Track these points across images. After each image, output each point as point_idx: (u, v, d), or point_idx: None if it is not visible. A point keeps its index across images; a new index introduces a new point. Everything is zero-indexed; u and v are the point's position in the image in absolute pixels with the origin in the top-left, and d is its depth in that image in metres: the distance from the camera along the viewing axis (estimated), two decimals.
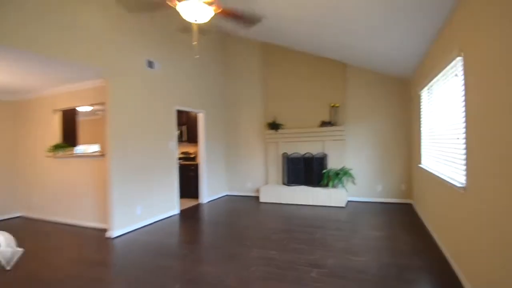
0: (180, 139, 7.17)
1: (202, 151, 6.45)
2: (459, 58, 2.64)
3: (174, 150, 5.57)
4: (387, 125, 5.86)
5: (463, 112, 2.57)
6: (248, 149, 7.13)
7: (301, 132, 6.30)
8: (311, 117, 6.32)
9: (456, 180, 2.83)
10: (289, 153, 6.49)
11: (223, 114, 7.28)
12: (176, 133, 5.63)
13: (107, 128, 4.31)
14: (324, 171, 6.03)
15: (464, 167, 2.54)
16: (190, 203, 6.42)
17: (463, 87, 2.56)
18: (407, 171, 5.74)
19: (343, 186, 5.86)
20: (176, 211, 5.59)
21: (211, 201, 6.68)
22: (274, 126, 6.50)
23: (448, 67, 2.98)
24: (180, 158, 7.40)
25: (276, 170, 6.67)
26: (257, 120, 7.01)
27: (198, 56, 6.04)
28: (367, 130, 6.00)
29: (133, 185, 4.65)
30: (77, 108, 5.53)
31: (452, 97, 3.01)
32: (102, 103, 4.51)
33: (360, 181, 6.08)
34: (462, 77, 2.58)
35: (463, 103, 2.55)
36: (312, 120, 6.31)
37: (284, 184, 6.55)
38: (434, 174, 3.65)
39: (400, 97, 5.75)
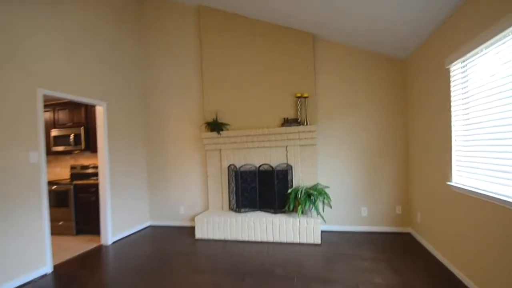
0: (76, 147, 4.59)
1: (104, 164, 3.94)
2: None
3: (41, 166, 3.05)
4: (375, 123, 4.01)
5: None
6: (180, 160, 4.76)
7: (254, 135, 4.15)
8: (268, 113, 4.24)
9: None
10: (238, 165, 4.31)
11: (140, 109, 4.83)
12: (42, 137, 3.07)
13: None
14: (290, 190, 3.96)
15: None
16: (84, 245, 3.85)
17: None
18: (404, 187, 3.93)
19: (318, 213, 3.79)
20: (44, 269, 3.02)
21: (121, 239, 4.15)
22: (215, 126, 4.27)
23: None
24: (75, 175, 4.92)
25: (221, 189, 4.42)
26: (191, 118, 4.69)
27: None
28: (348, 130, 4.09)
29: None
30: None
31: None
32: None
33: (338, 203, 4.12)
34: None
35: None
36: (270, 118, 4.23)
37: (232, 209, 4.33)
38: (491, 198, 1.87)
39: (394, 84, 3.95)
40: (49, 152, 4.78)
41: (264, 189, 4.16)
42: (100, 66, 3.95)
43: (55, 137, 4.70)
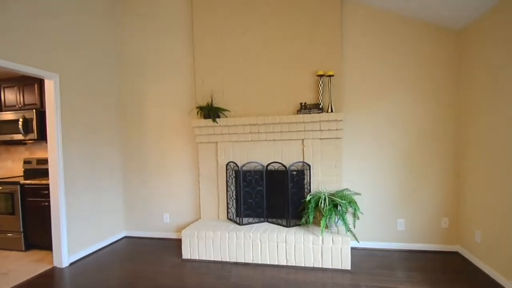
0: (28, 136, 3.33)
1: (56, 160, 2.74)
2: None
3: None
4: (417, 114, 2.96)
5: None
6: (164, 155, 3.57)
7: (261, 124, 3.05)
8: (280, 96, 3.12)
9: None
10: (239, 162, 3.18)
11: (110, 88, 3.59)
12: None
13: None
14: (308, 197, 2.85)
15: None
16: (30, 267, 2.63)
17: None
18: (453, 196, 2.92)
19: (348, 230, 2.69)
20: None
21: (83, 258, 2.99)
22: (210, 112, 3.14)
23: None
24: (30, 172, 3.68)
25: (216, 193, 3.30)
26: (180, 101, 3.50)
27: None
28: (381, 121, 3.03)
29: None
30: None
31: None
32: None
33: (368, 213, 3.07)
34: None
35: None
36: (282, 103, 3.12)
37: (230, 219, 3.23)
38: None
39: (443, 65, 2.88)
40: None
41: (273, 194, 3.06)
42: (48, 22, 2.72)
43: (0, 122, 3.50)
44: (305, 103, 3.00)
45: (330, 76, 2.92)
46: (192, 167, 3.48)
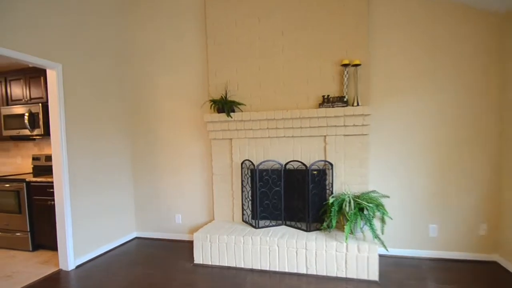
0: (34, 131, 3.16)
1: (60, 156, 2.53)
2: None
3: None
4: (456, 109, 2.59)
5: None
6: (175, 151, 3.33)
7: (279, 119, 2.76)
8: (300, 89, 2.82)
9: None
10: (255, 160, 2.91)
11: (117, 79, 3.34)
12: None
13: None
14: (331, 199, 2.56)
15: None
16: (36, 269, 2.46)
17: None
18: (493, 199, 2.56)
19: (376, 237, 2.39)
20: None
21: (91, 260, 2.81)
22: (224, 106, 2.86)
23: None
24: (38, 169, 3.51)
25: (231, 193, 3.05)
26: (191, 94, 3.23)
27: None
28: (412, 117, 2.68)
29: None
30: None
31: None
32: None
33: (396, 217, 2.74)
34: None
35: None
36: (302, 96, 2.82)
37: (246, 221, 2.97)
38: None
39: (489, 53, 2.51)
40: (0, 138, 3.42)
41: (292, 196, 2.79)
42: (50, 8, 2.48)
43: (6, 117, 3.29)
44: (328, 95, 2.70)
45: (356, 65, 2.59)
46: (205, 165, 3.23)
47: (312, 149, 2.82)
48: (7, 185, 3.06)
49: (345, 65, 2.62)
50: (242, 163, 2.95)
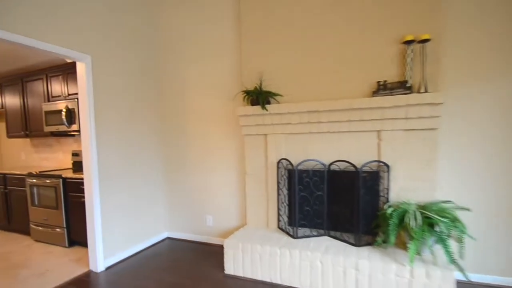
0: (71, 127, 3.13)
1: (89, 151, 2.40)
2: None
3: None
4: None
5: None
6: (206, 148, 3.04)
7: (323, 111, 2.29)
8: (348, 75, 2.31)
9: None
10: (294, 159, 2.50)
11: (148, 71, 3.14)
12: None
13: None
14: (388, 209, 2.01)
15: None
16: (67, 267, 2.39)
17: None
18: None
19: (453, 261, 1.80)
20: None
21: (121, 261, 2.65)
22: (259, 97, 2.46)
23: None
24: (78, 164, 3.52)
25: (265, 196, 2.66)
26: (223, 86, 2.91)
27: None
28: (500, 107, 2.03)
29: None
30: None
31: None
32: None
33: (476, 235, 2.11)
34: None
35: None
36: (350, 84, 2.30)
37: (282, 229, 2.56)
38: None
39: None
40: (42, 134, 3.47)
41: (337, 202, 2.32)
42: None
43: (46, 113, 3.32)
44: (384, 81, 2.16)
45: (423, 41, 2.00)
46: (237, 164, 2.90)
47: (362, 147, 2.30)
48: (48, 181, 3.08)
49: (409, 42, 2.06)
50: (278, 162, 2.54)
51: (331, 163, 2.33)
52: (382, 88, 2.15)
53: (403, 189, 2.19)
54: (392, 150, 2.21)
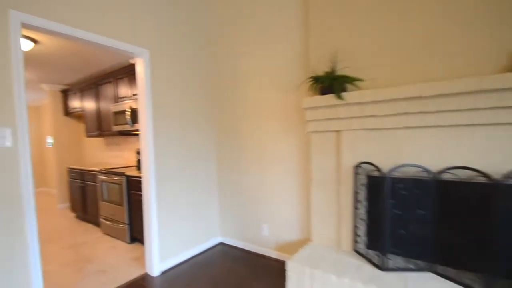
0: (135, 126, 3.12)
1: (147, 151, 2.25)
2: None
3: (19, 152, 1.49)
4: None
5: None
6: (262, 147, 2.61)
7: (430, 97, 1.59)
8: (458, 46, 1.55)
9: None
10: (382, 164, 1.85)
11: (202, 65, 2.85)
12: (22, 103, 1.51)
13: None
14: None
15: None
16: (125, 267, 2.30)
17: None
18: None
19: None
20: None
21: (177, 265, 2.44)
22: (333, 83, 1.91)
23: None
24: (139, 164, 3.57)
25: (337, 208, 2.08)
26: (283, 72, 2.44)
27: None
28: None
29: None
30: None
31: None
32: None
33: None
34: None
35: None
36: (464, 57, 1.54)
37: (359, 253, 1.93)
38: None
39: None
40: (112, 133, 3.61)
41: (452, 225, 1.60)
42: None
43: (114, 113, 3.41)
44: None
45: None
46: (300, 167, 2.39)
47: (492, 148, 1.51)
48: (114, 178, 3.13)
49: None
50: (356, 167, 1.94)
51: (443, 170, 1.61)
52: None
53: None
54: None
